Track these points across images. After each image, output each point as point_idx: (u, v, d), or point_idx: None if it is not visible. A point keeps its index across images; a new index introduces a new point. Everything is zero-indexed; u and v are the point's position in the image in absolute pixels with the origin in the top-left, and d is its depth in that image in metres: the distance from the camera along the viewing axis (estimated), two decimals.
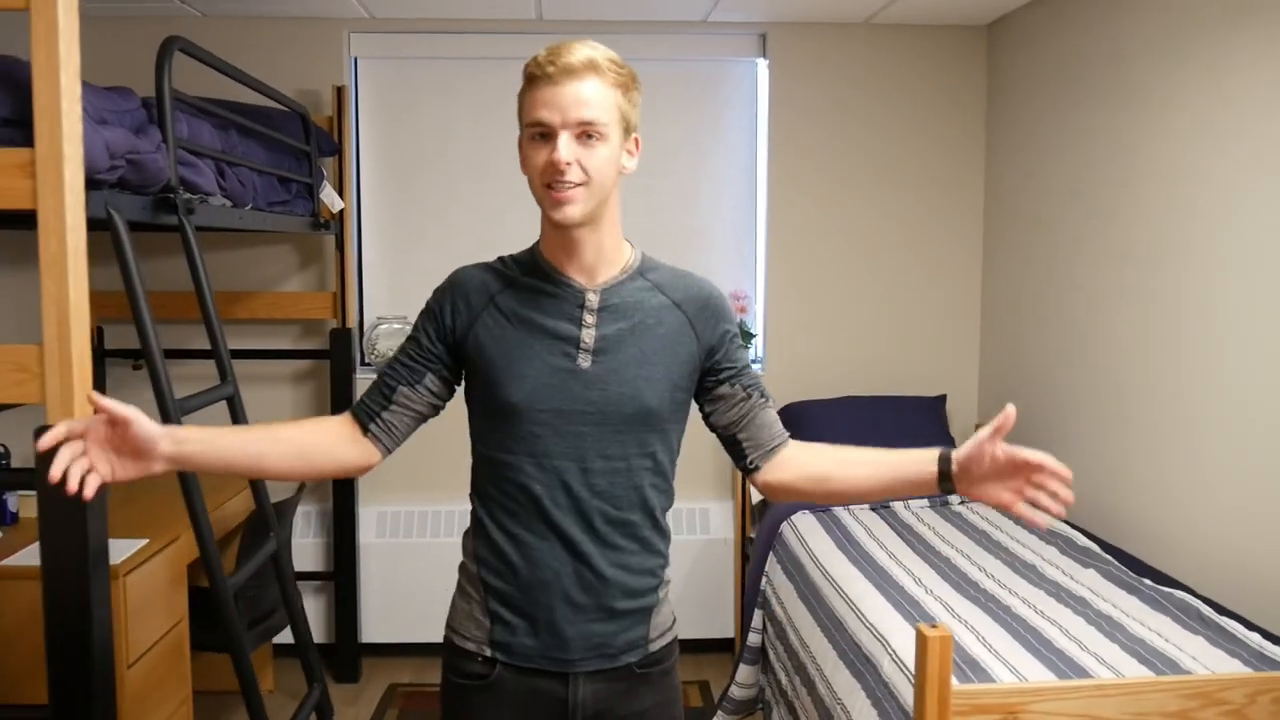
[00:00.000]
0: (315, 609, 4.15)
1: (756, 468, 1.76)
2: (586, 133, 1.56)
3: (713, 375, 1.73)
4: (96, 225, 1.94)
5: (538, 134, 1.58)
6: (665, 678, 1.77)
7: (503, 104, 4.12)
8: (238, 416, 2.51)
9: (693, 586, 4.18)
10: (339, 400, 3.96)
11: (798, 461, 1.76)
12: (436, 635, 1.96)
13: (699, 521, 4.24)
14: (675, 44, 4.20)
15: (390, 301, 4.26)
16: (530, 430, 1.64)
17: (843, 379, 4.29)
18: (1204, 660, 2.29)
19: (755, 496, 4.10)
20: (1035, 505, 1.57)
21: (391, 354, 1.83)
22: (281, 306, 4.03)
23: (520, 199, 1.73)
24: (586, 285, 1.67)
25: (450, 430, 4.38)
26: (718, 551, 4.21)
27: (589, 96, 1.56)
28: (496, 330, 1.66)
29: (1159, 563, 2.98)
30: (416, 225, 4.23)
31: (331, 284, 4.09)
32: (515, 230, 4.41)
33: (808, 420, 4.06)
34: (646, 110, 4.59)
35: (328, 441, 1.71)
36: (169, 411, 2.13)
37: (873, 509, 3.71)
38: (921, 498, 3.76)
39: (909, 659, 2.37)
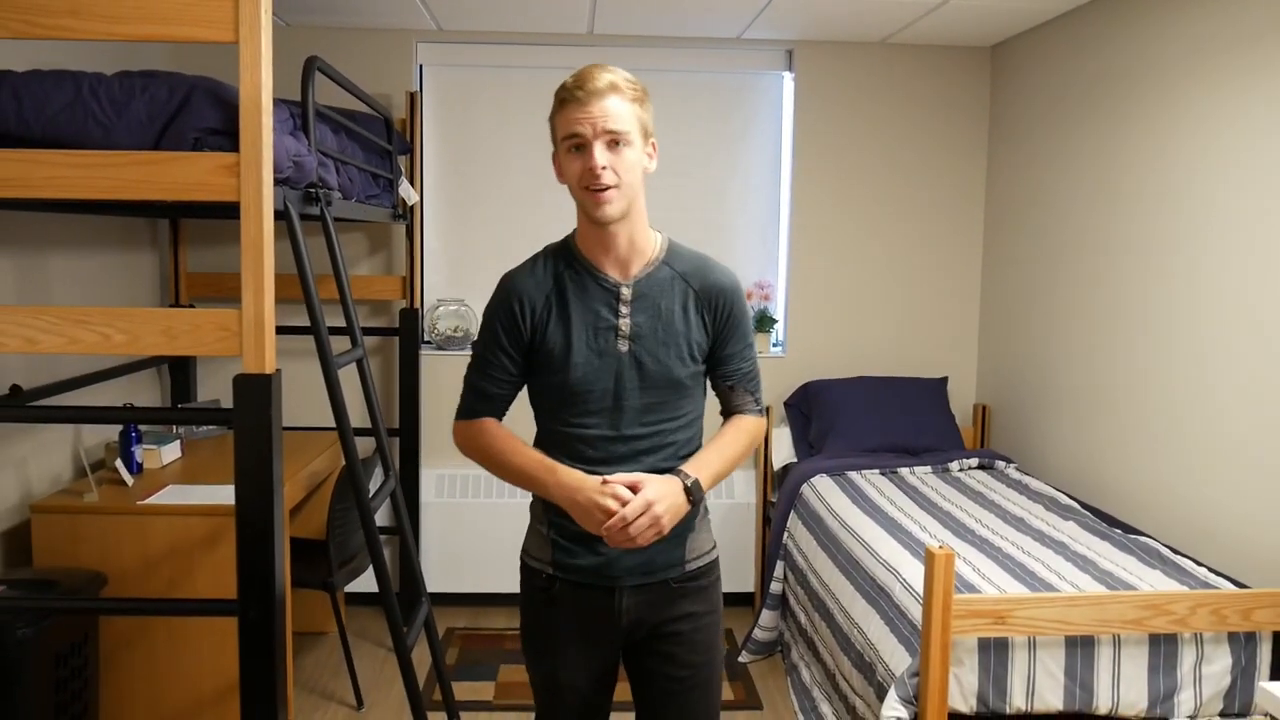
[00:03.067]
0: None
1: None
2: (614, 140, 1.89)
3: (715, 353, 2.05)
4: (277, 216, 2.41)
5: (573, 146, 1.90)
6: (701, 593, 2.09)
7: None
8: (365, 374, 2.98)
9: (720, 546, 4.63)
10: (407, 369, 4.44)
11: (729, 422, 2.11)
12: (489, 585, 2.32)
13: (724, 488, 4.71)
14: (711, 58, 4.66)
15: (448, 286, 4.73)
16: (585, 405, 1.98)
17: (856, 361, 4.77)
18: (1159, 586, 2.77)
19: (777, 464, 4.58)
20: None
21: (473, 354, 2.10)
22: (355, 289, 4.49)
23: (562, 194, 2.11)
24: (620, 280, 2.00)
25: None
26: (741, 514, 4.69)
27: (613, 111, 1.88)
28: (555, 324, 1.98)
29: (1131, 519, 3.47)
30: (473, 217, 4.70)
31: (400, 268, 4.56)
32: (558, 222, 4.94)
33: (825, 397, 4.54)
34: (683, 117, 5.25)
35: (507, 430, 2.08)
36: (330, 369, 2.63)
37: (883, 473, 4.18)
38: (926, 465, 4.24)
39: (917, 583, 2.86)
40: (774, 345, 4.85)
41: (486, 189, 4.70)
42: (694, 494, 1.94)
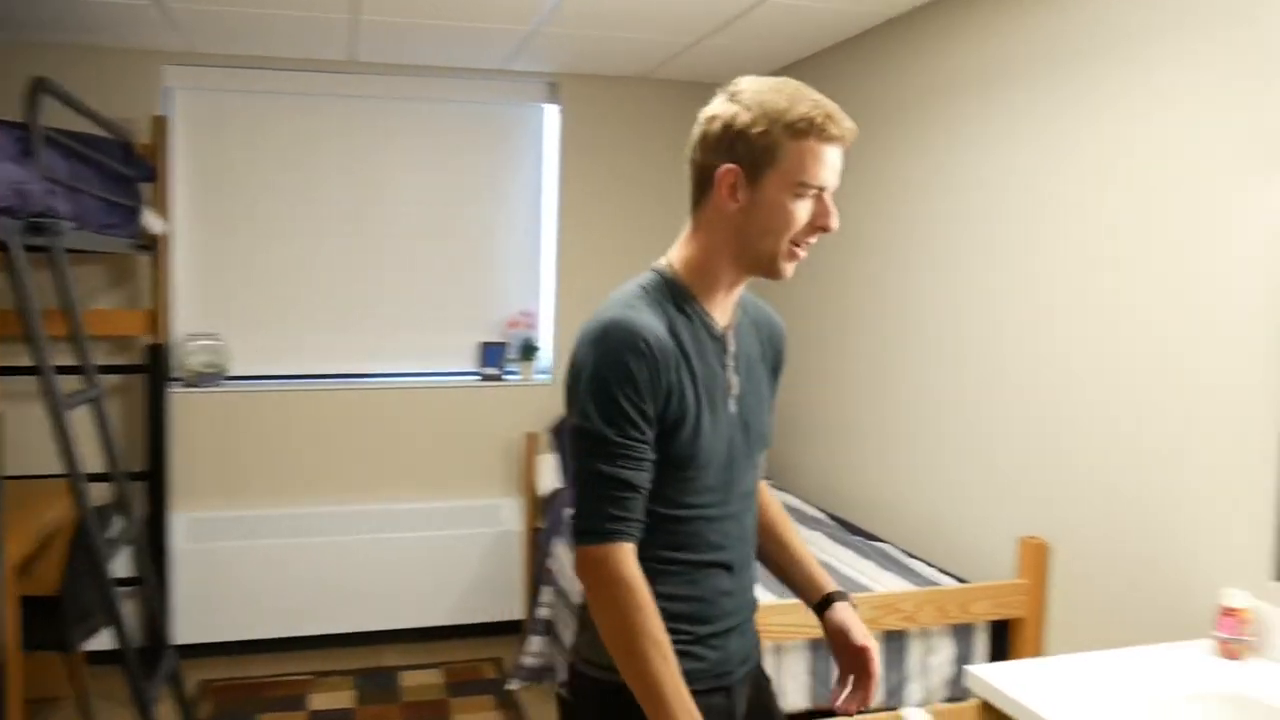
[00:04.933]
0: (126, 613, 4.36)
1: None
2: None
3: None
4: None
5: (812, 191, 1.56)
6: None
7: (312, 136, 4.53)
8: (102, 414, 2.83)
9: (484, 575, 4.67)
10: (154, 409, 4.23)
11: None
12: (247, 633, 2.12)
13: (490, 516, 4.73)
14: (475, 88, 4.70)
15: (201, 319, 4.54)
16: (703, 481, 1.63)
17: None
18: (892, 588, 2.99)
19: (543, 490, 4.63)
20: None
21: (589, 440, 1.54)
22: (92, 324, 4.22)
23: (326, 224, 1.90)
24: (723, 327, 1.68)
25: (259, 435, 4.74)
26: (506, 542, 4.71)
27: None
28: (683, 381, 1.59)
29: (872, 527, 3.73)
30: (228, 248, 4.53)
31: (145, 301, 4.34)
32: (324, 255, 4.81)
33: None
34: (448, 145, 5.23)
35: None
36: (58, 410, 2.48)
37: None
38: None
39: None
40: (539, 373, 4.92)
41: (241, 219, 4.54)
42: (854, 603, 1.80)
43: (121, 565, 4.30)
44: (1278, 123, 2.09)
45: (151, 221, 4.00)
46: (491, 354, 4.83)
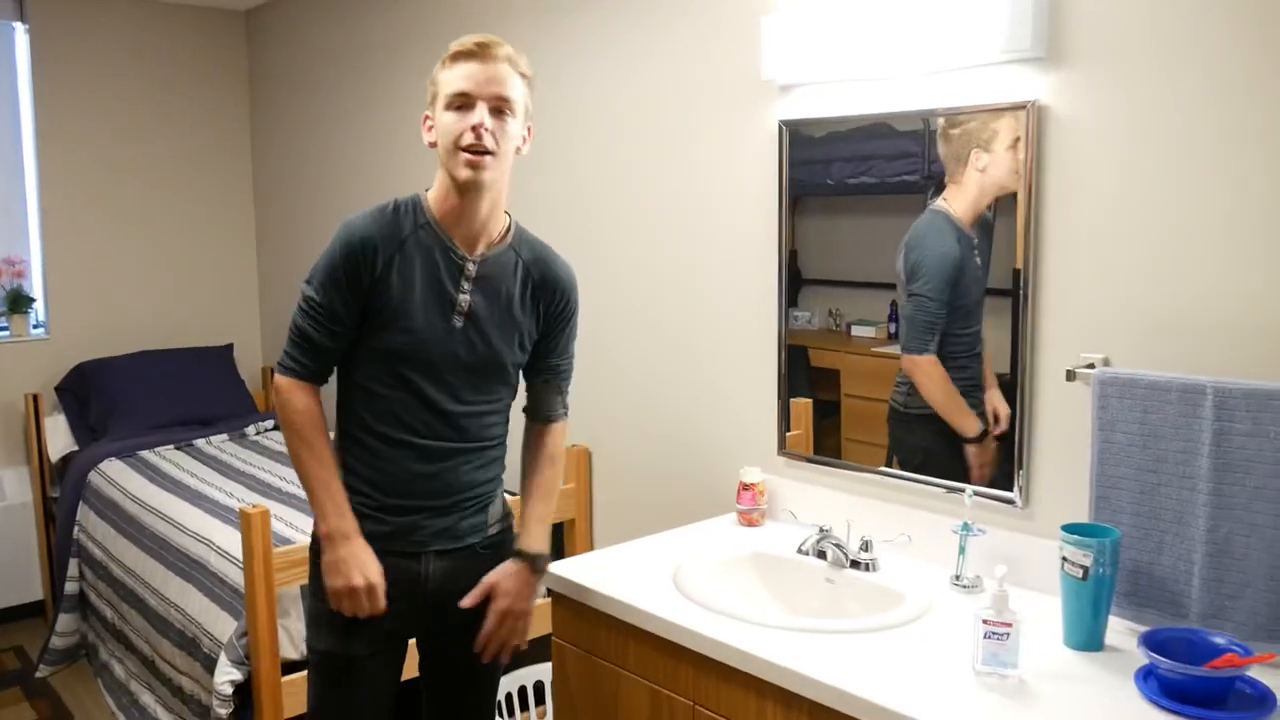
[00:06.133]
0: None
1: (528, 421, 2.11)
2: (499, 108, 1.84)
3: (539, 346, 2.03)
4: None
5: (459, 105, 1.82)
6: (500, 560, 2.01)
7: None
8: None
9: None
10: None
11: (529, 443, 2.10)
12: None
13: None
14: None
15: None
16: (408, 369, 1.90)
17: (133, 336, 4.52)
18: None
19: (54, 455, 4.19)
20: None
21: (304, 299, 1.91)
22: None
23: None
24: (467, 254, 1.92)
25: None
26: (15, 517, 4.22)
27: (506, 78, 1.84)
28: (396, 278, 1.87)
29: None
30: None
31: None
32: None
33: (102, 376, 4.25)
34: None
35: (321, 421, 1.92)
36: None
37: (178, 448, 4.07)
38: (222, 433, 4.22)
39: (233, 548, 2.89)
40: (34, 327, 4.41)
41: None
42: (540, 566, 2.00)
43: None
44: (752, 63, 2.44)
45: None
46: None
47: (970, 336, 2.11)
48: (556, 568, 2.21)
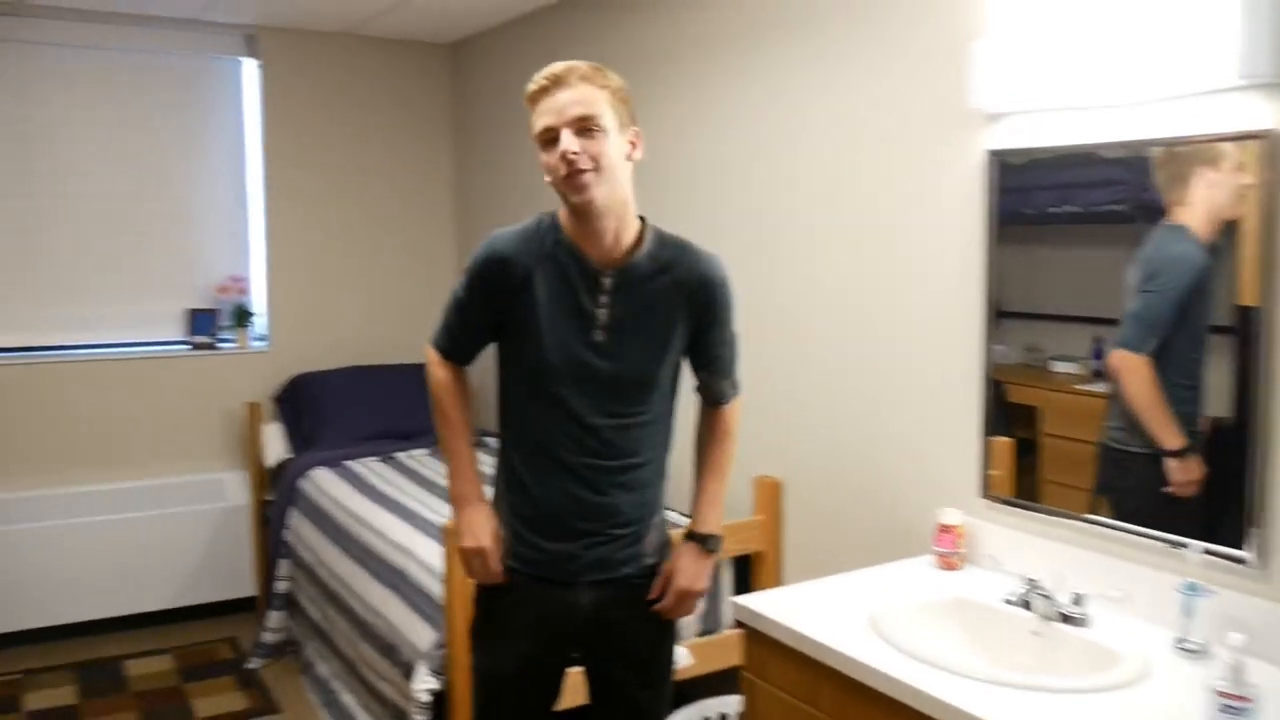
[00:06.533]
0: None
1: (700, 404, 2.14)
2: (586, 127, 1.86)
3: (696, 341, 2.03)
4: None
5: (548, 140, 1.89)
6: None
7: None
8: None
9: (211, 552, 4.45)
10: None
11: (701, 423, 2.15)
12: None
13: (213, 491, 4.50)
14: (165, 38, 4.37)
15: None
16: (549, 385, 1.94)
17: (342, 351, 4.76)
18: None
19: (270, 461, 4.46)
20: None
21: (453, 295, 2.05)
22: None
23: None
24: (602, 267, 1.94)
25: (42, 416, 4.28)
26: (233, 517, 4.51)
27: (582, 98, 1.87)
28: (532, 294, 1.93)
29: None
30: None
31: None
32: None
33: (315, 389, 4.50)
34: (135, 99, 4.86)
35: (457, 391, 2.07)
36: None
37: (381, 460, 4.26)
38: (422, 447, 4.39)
39: (433, 560, 2.99)
40: (255, 340, 4.71)
41: None
42: (714, 547, 2.06)
43: None
44: (956, 92, 2.38)
45: None
46: (202, 321, 4.57)
47: (1191, 364, 1.98)
48: (748, 601, 2.20)
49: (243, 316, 4.62)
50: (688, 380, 2.11)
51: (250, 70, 4.60)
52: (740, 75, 3.10)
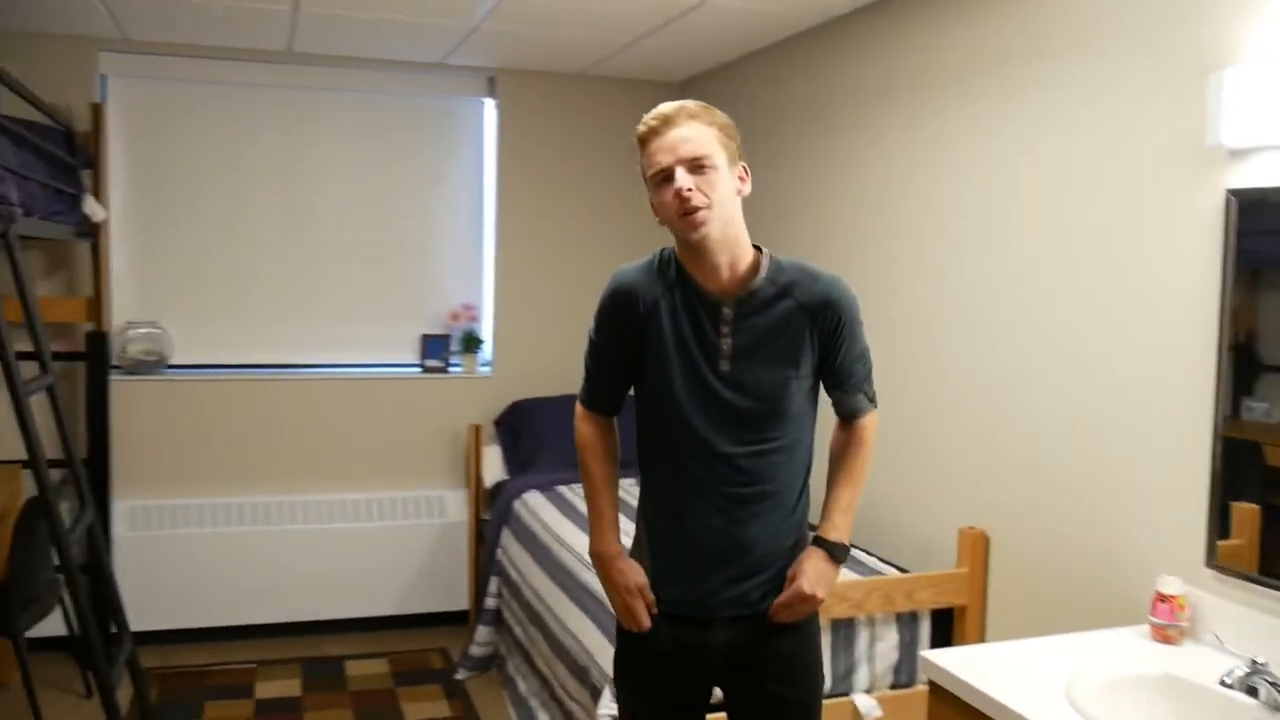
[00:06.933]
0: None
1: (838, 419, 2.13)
2: (698, 165, 1.89)
3: (825, 362, 2.02)
4: None
5: (661, 179, 1.92)
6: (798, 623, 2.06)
7: (250, 126, 4.50)
8: (56, 401, 2.80)
9: (430, 565, 4.69)
10: (95, 396, 4.17)
11: (837, 435, 2.14)
12: (187, 621, 1.97)
13: (435, 507, 4.75)
14: (414, 81, 4.70)
15: (139, 307, 4.48)
16: (680, 418, 1.95)
17: (561, 379, 4.89)
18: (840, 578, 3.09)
19: (488, 482, 4.66)
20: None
21: (589, 340, 2.12)
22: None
23: (264, 213, 2.01)
24: (722, 298, 1.96)
25: (201, 424, 4.66)
26: (452, 533, 4.73)
27: (692, 136, 1.90)
28: (658, 328, 1.97)
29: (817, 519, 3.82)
30: (166, 236, 4.48)
31: (84, 289, 4.27)
32: (262, 244, 4.78)
33: (533, 415, 4.67)
34: (385, 138, 5.18)
35: (601, 448, 2.13)
36: (19, 395, 2.45)
37: None
38: (631, 476, 4.45)
39: None
40: (481, 365, 4.94)
41: (179, 207, 4.49)
42: (840, 556, 2.04)
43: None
44: (1190, 130, 2.21)
45: (93, 208, 3.94)
46: (434, 346, 4.84)
47: None
48: (936, 656, 2.11)
49: (472, 342, 4.86)
50: (824, 406, 2.10)
51: (490, 110, 4.86)
52: (954, 111, 3.01)
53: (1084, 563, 2.56)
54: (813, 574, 2.00)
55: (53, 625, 3.74)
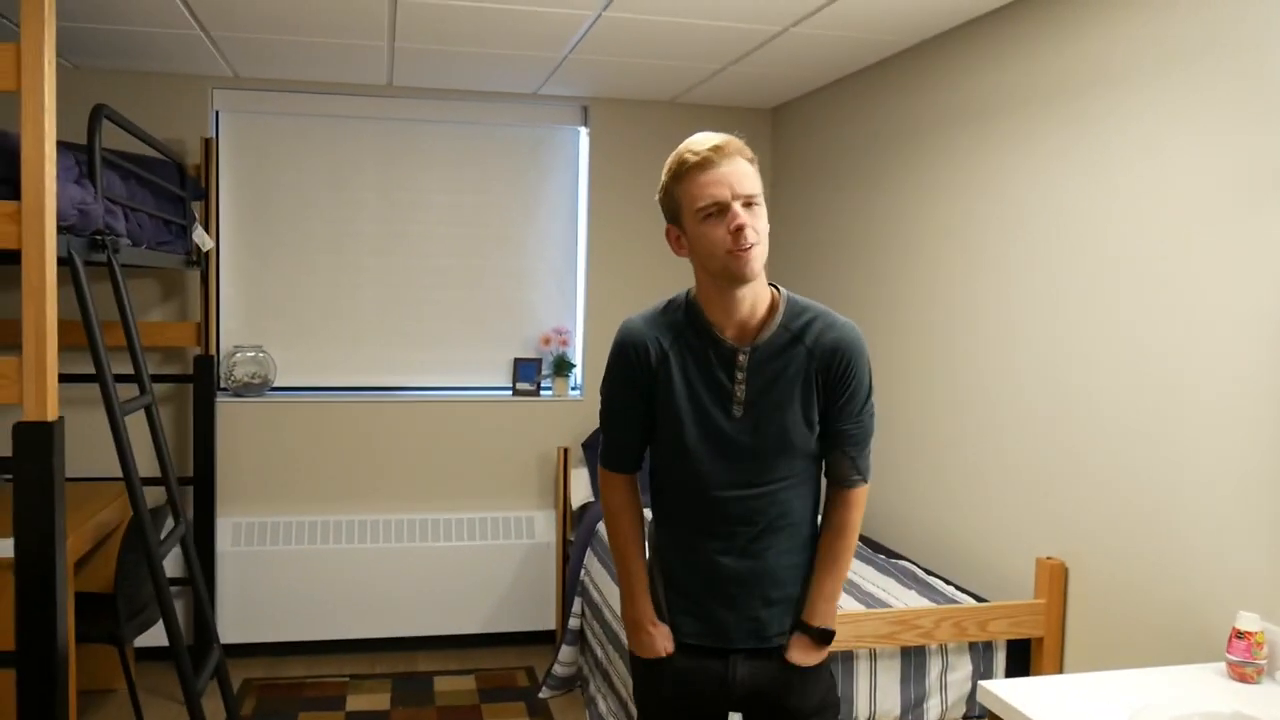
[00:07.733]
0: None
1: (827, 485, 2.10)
2: (749, 202, 1.86)
3: (826, 412, 1.99)
4: (61, 263, 2.41)
5: (711, 212, 1.84)
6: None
7: (352, 157, 4.67)
8: (154, 420, 2.96)
9: (518, 585, 4.77)
10: (202, 417, 4.38)
11: (824, 511, 2.10)
12: (288, 634, 2.05)
13: (524, 528, 4.83)
14: (509, 111, 4.83)
15: (245, 332, 4.69)
16: (694, 465, 1.96)
17: None
18: (911, 604, 3.05)
19: (575, 504, 4.72)
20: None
21: (602, 400, 2.10)
22: (144, 335, 4.40)
23: (365, 241, 2.09)
24: (738, 344, 1.95)
25: (302, 444, 4.84)
26: (541, 553, 4.81)
27: (745, 172, 1.86)
28: (669, 376, 1.97)
29: (895, 545, 3.78)
30: (270, 264, 4.69)
31: (194, 314, 4.50)
32: (363, 271, 4.94)
33: None
34: (482, 167, 5.34)
35: (626, 510, 2.09)
36: (115, 415, 2.60)
37: None
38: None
39: None
40: (572, 389, 5.01)
41: (284, 236, 4.70)
42: (825, 641, 2.04)
43: (171, 565, 4.45)
44: (1274, 153, 2.15)
45: (201, 238, 4.15)
46: (526, 370, 4.94)
47: None
48: (996, 686, 2.07)
49: (563, 366, 4.94)
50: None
51: (583, 138, 4.96)
52: (1043, 134, 2.96)
53: (1163, 596, 2.48)
54: (801, 660, 2.03)
55: (159, 635, 3.92)
